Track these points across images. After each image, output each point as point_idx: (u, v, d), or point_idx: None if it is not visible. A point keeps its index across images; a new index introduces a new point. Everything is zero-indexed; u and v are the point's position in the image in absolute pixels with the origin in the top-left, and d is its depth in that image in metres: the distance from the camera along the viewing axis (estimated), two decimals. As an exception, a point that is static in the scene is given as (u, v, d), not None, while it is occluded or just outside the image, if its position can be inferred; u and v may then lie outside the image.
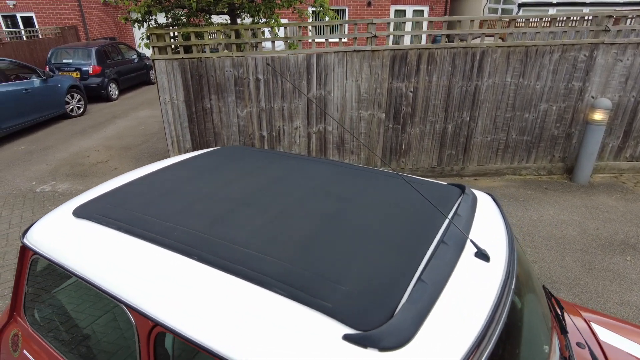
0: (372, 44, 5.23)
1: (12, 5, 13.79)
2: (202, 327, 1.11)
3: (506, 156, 5.70)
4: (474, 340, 1.03)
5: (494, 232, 1.54)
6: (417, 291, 1.12)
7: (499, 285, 1.25)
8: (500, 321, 1.14)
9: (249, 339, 1.05)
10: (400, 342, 0.97)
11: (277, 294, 1.14)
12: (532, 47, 5.10)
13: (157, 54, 5.32)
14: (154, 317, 1.20)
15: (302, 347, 0.99)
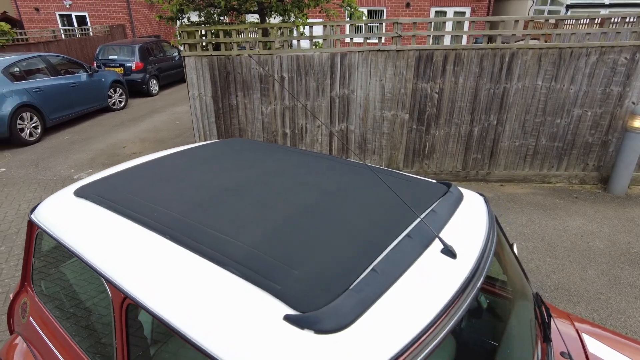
0: (397, 43, 5.18)
1: (68, 5, 14.72)
2: (159, 298, 1.18)
3: (535, 162, 5.47)
4: (415, 336, 1.02)
5: (471, 231, 1.50)
6: (366, 280, 1.13)
7: (460, 283, 1.22)
8: (453, 319, 1.12)
9: (198, 312, 1.10)
10: (336, 327, 0.99)
11: (233, 273, 1.20)
12: (567, 49, 4.86)
13: (188, 50, 5.52)
14: (125, 290, 1.28)
15: (245, 323, 1.04)
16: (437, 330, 1.07)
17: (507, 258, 1.88)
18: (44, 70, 8.25)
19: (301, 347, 0.95)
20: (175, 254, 1.31)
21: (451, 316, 1.13)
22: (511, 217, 4.71)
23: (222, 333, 1.03)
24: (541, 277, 3.68)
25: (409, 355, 0.99)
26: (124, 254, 1.38)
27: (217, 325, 1.05)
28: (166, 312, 1.15)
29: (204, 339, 1.04)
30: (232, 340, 1.01)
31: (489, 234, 1.52)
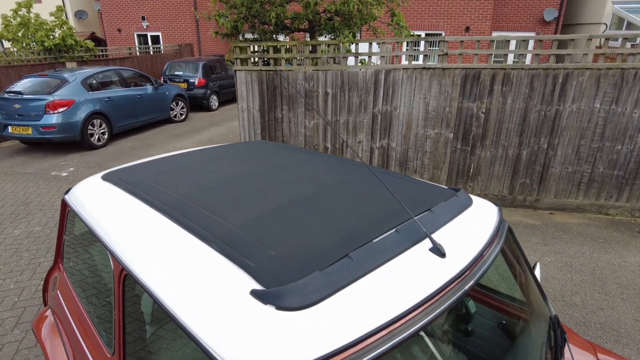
0: (444, 61, 5.11)
1: (145, 26, 16.19)
2: (145, 268, 1.27)
3: (590, 191, 5.06)
4: (378, 326, 1.00)
5: (471, 236, 1.44)
6: (339, 265, 1.13)
7: (443, 282, 1.17)
8: (427, 317, 1.08)
9: (175, 281, 1.17)
10: (298, 305, 1.00)
11: (213, 249, 1.26)
12: (630, 69, 4.52)
13: (239, 65, 5.83)
14: (121, 260, 1.38)
15: (215, 295, 1.08)
16: (406, 325, 1.04)
17: (522, 275, 1.76)
18: (116, 82, 9.07)
19: (262, 321, 0.97)
20: (168, 230, 1.41)
21: (425, 313, 1.09)
22: (558, 246, 4.37)
23: (192, 302, 1.08)
24: (586, 312, 3.36)
25: (370, 345, 0.96)
26: (125, 227, 1.49)
27: (189, 295, 1.10)
28: (148, 280, 1.22)
29: (175, 306, 1.09)
30: (199, 310, 1.05)
31: (491, 242, 1.44)
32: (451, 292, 1.19)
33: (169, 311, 1.09)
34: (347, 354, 0.94)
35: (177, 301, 1.10)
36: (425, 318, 1.08)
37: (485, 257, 1.37)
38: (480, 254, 1.36)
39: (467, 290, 1.25)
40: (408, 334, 1.03)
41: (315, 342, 0.93)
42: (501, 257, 1.74)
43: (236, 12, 5.74)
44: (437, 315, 1.11)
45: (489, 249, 1.41)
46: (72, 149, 8.39)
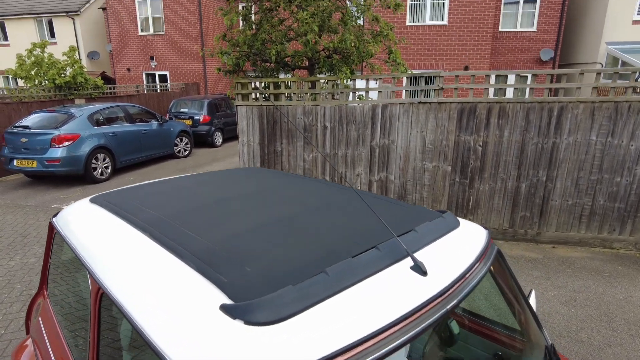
0: (440, 96, 5.21)
1: (154, 65, 16.78)
2: (118, 284, 1.24)
3: (592, 224, 4.98)
4: (352, 343, 0.96)
5: (456, 256, 1.40)
6: (314, 280, 1.10)
7: (423, 300, 1.14)
8: (406, 335, 1.03)
9: (146, 296, 1.15)
10: (268, 320, 0.97)
11: (187, 264, 1.24)
12: (623, 102, 4.58)
13: (240, 100, 5.98)
14: (97, 277, 1.36)
15: (184, 310, 1.05)
16: (383, 342, 1.00)
17: (515, 302, 1.70)
18: (121, 117, 9.29)
19: (229, 337, 0.94)
20: (145, 247, 1.39)
21: (403, 331, 1.05)
22: (561, 280, 4.25)
23: (160, 318, 1.05)
24: (592, 349, 3.22)
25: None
26: (103, 245, 1.49)
27: (158, 310, 1.08)
28: (120, 295, 1.20)
29: (143, 322, 1.06)
30: (167, 325, 1.02)
31: (477, 262, 1.40)
32: (432, 311, 1.15)
33: (137, 326, 1.06)
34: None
35: (145, 317, 1.07)
36: (403, 336, 1.04)
37: (469, 278, 1.33)
38: (464, 274, 1.32)
39: (450, 310, 1.21)
40: (386, 351, 0.98)
41: (283, 358, 0.89)
42: (492, 282, 1.69)
43: (238, 50, 5.95)
44: (416, 334, 1.07)
45: (474, 269, 1.38)
46: (74, 182, 8.47)
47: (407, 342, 1.06)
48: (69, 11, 18.65)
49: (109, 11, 16.86)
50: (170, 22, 16.20)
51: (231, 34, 6.11)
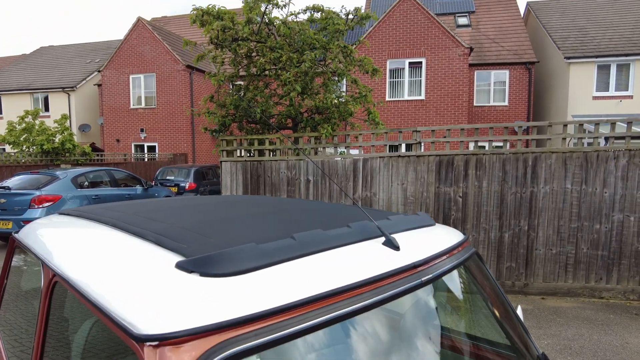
0: (418, 149, 5.40)
1: (144, 137, 17.18)
2: (74, 267, 1.17)
3: (578, 273, 4.92)
4: (313, 295, 0.92)
5: (431, 242, 1.38)
6: (279, 242, 1.07)
7: (393, 268, 1.10)
8: (368, 300, 1.00)
9: (101, 272, 1.08)
10: (223, 272, 0.92)
11: (148, 241, 1.19)
12: (592, 152, 4.80)
13: (225, 156, 6.08)
14: (52, 265, 1.27)
15: (143, 276, 0.99)
16: (346, 302, 0.96)
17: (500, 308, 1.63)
18: (106, 182, 9.27)
19: (185, 290, 0.89)
20: (106, 233, 1.34)
21: (373, 294, 1.01)
22: (554, 329, 4.08)
23: (118, 287, 0.97)
24: (592, 396, 3.00)
25: (304, 315, 0.89)
26: (61, 236, 1.44)
27: (115, 281, 1.00)
28: (76, 275, 1.11)
29: (100, 295, 0.97)
30: (125, 291, 0.94)
31: (452, 251, 1.38)
32: (404, 281, 1.11)
33: (93, 301, 0.97)
34: (278, 319, 0.85)
35: (102, 290, 1.00)
36: (372, 298, 1.00)
37: (442, 262, 1.30)
38: (437, 255, 1.29)
39: (423, 284, 1.16)
40: (347, 311, 0.94)
41: (236, 306, 0.84)
42: (471, 283, 1.63)
43: (225, 110, 6.20)
44: (386, 299, 1.03)
45: (447, 255, 1.35)
46: (50, 246, 8.16)
47: (377, 305, 1.02)
48: (66, 87, 19.46)
49: (103, 87, 17.64)
50: (162, 96, 16.95)
51: (218, 95, 6.42)
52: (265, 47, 5.94)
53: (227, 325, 0.80)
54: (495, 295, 1.66)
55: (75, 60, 22.13)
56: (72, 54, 23.02)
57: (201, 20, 5.93)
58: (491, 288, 1.65)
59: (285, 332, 0.85)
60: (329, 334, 0.99)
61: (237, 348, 0.78)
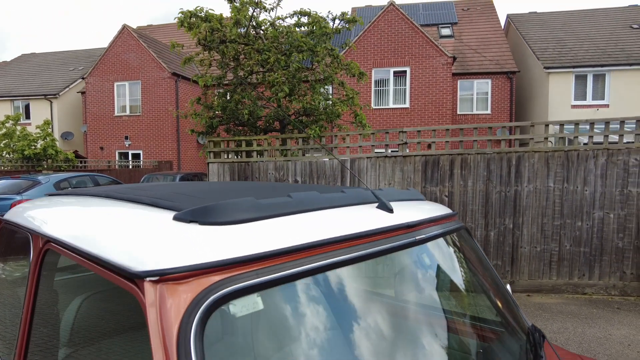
0: (404, 150, 5.47)
1: (128, 144, 16.97)
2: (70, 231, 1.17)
3: (562, 270, 5.02)
4: (306, 243, 0.95)
5: (422, 210, 1.41)
6: (276, 199, 1.09)
7: (387, 225, 1.13)
8: (358, 251, 1.02)
9: (99, 232, 1.08)
10: (221, 221, 0.94)
11: (143, 204, 1.20)
12: (572, 151, 4.94)
13: (212, 158, 6.05)
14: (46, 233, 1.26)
15: (142, 230, 1.00)
16: (345, 250, 1.00)
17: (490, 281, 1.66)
18: (89, 187, 9.11)
19: (185, 236, 0.91)
20: (98, 202, 1.34)
21: (366, 247, 1.05)
22: (540, 323, 4.13)
23: (119, 242, 0.97)
24: (579, 384, 3.04)
25: (298, 260, 0.91)
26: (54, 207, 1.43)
27: (115, 237, 1.00)
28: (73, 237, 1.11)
29: (102, 250, 0.97)
30: (126, 245, 0.94)
31: (441, 220, 1.42)
32: (397, 238, 1.14)
33: (94, 256, 0.97)
34: (275, 262, 0.88)
35: (94, 239, 1.01)
36: (363, 251, 1.03)
37: (435, 226, 1.34)
38: (430, 220, 1.33)
39: (416, 243, 1.19)
40: (343, 260, 0.98)
41: (235, 249, 0.86)
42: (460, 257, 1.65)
43: (212, 111, 6.19)
44: (377, 253, 1.06)
45: (439, 223, 1.39)
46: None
47: (372, 256, 1.05)
48: (48, 94, 19.15)
49: (87, 94, 17.42)
50: (148, 104, 16.81)
51: (205, 98, 6.41)
52: (252, 50, 5.98)
53: (226, 264, 0.81)
54: (485, 268, 1.69)
55: (57, 68, 21.83)
56: (55, 61, 22.72)
57: (188, 23, 5.95)
58: (481, 262, 1.69)
59: (281, 274, 0.86)
60: (324, 284, 1.00)
61: (234, 286, 0.80)
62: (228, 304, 0.79)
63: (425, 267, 1.35)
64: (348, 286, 1.07)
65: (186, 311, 0.75)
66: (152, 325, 0.75)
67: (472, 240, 1.71)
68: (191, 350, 0.72)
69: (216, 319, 0.78)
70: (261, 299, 0.85)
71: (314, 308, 0.96)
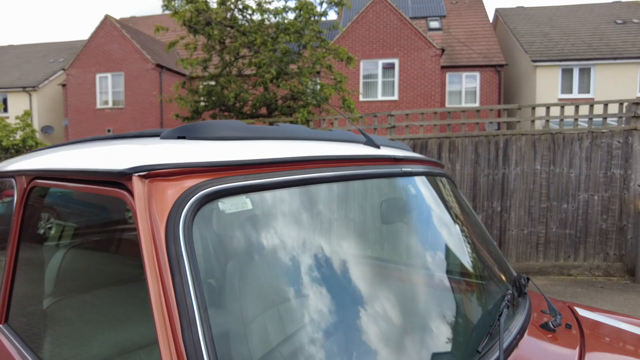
0: (392, 134, 5.43)
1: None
2: (57, 161, 1.23)
3: (549, 252, 5.05)
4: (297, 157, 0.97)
5: (406, 152, 1.41)
6: (264, 127, 1.12)
7: (373, 154, 1.13)
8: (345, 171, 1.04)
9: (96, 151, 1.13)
10: (208, 136, 0.96)
11: (127, 137, 1.23)
12: (558, 134, 4.96)
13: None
14: (31, 169, 1.29)
15: (130, 146, 1.06)
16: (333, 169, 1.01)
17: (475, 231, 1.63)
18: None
19: (172, 145, 0.95)
20: (82, 143, 1.36)
21: (349, 169, 1.06)
22: (527, 303, 4.15)
23: (106, 156, 1.03)
24: None
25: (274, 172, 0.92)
26: (38, 152, 1.47)
27: (101, 155, 1.07)
28: (58, 165, 1.15)
29: (88, 165, 1.02)
30: (115, 154, 1.00)
31: (425, 162, 1.43)
32: (384, 167, 1.17)
33: (73, 169, 1.02)
34: (259, 170, 0.88)
35: (83, 161, 1.07)
36: (345, 171, 1.04)
37: (421, 165, 1.36)
38: (416, 159, 1.36)
39: (403, 173, 1.19)
40: (327, 175, 0.99)
41: (222, 155, 0.87)
42: (449, 205, 1.62)
43: (197, 95, 6.07)
44: (365, 175, 1.09)
45: (424, 163, 1.40)
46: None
47: (360, 177, 1.08)
48: (27, 87, 18.67)
49: (68, 86, 17.03)
50: (131, 96, 16.51)
51: (190, 83, 6.27)
52: (239, 33, 5.87)
53: (214, 166, 0.82)
54: (470, 216, 1.67)
55: (37, 60, 21.29)
56: (34, 53, 22.15)
57: (174, 6, 5.81)
58: (466, 210, 1.67)
59: (271, 181, 0.87)
60: (314, 197, 1.00)
61: (223, 185, 0.80)
62: (217, 201, 0.80)
63: (412, 200, 1.33)
64: (335, 203, 1.05)
65: (175, 202, 0.74)
66: (141, 220, 0.73)
67: (457, 190, 1.69)
68: (180, 236, 0.71)
69: (206, 212, 0.78)
70: (250, 201, 0.86)
71: (302, 217, 0.96)
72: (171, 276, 0.70)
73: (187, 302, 0.68)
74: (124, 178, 0.79)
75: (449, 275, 1.30)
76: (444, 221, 1.41)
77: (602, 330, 1.42)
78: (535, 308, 1.50)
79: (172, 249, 0.71)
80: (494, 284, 1.50)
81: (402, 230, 1.32)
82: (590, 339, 1.27)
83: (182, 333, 0.66)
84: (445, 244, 1.40)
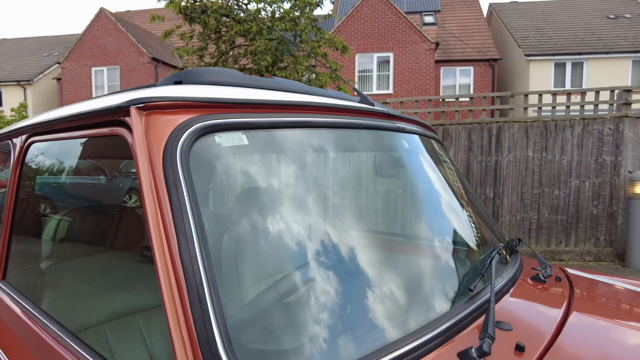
0: (388, 122, 5.49)
1: (107, 131, 16.62)
2: (55, 114, 1.23)
3: (541, 238, 5.13)
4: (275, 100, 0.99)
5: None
6: (262, 78, 1.14)
7: (363, 107, 1.20)
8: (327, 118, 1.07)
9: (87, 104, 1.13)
10: (206, 81, 0.99)
11: (126, 91, 1.25)
12: (550, 121, 5.04)
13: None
14: (28, 124, 1.31)
15: (128, 92, 1.05)
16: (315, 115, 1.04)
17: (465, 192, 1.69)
18: (66, 168, 8.90)
19: (170, 86, 0.95)
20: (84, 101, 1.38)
21: (344, 117, 1.10)
22: (519, 285, 4.23)
23: (103, 99, 1.05)
24: (556, 334, 3.12)
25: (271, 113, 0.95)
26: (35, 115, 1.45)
27: (100, 99, 1.08)
28: (57, 115, 1.18)
29: (88, 107, 1.04)
30: (112, 97, 1.01)
31: (415, 122, 1.47)
32: (378, 121, 1.20)
33: (70, 115, 1.06)
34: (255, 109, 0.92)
35: (81, 106, 1.09)
36: (339, 119, 1.08)
37: (413, 124, 1.41)
38: (409, 119, 1.39)
39: (397, 129, 1.23)
40: (321, 121, 1.04)
41: (219, 94, 0.89)
42: (441, 167, 1.68)
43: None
44: (360, 125, 1.12)
45: (416, 124, 1.44)
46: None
47: (350, 127, 1.11)
48: (21, 81, 18.54)
49: (63, 80, 16.93)
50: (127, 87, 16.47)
51: (187, 72, 6.29)
52: (234, 22, 5.89)
53: (211, 102, 0.84)
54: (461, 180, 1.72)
55: (31, 54, 21.13)
56: (28, 47, 21.98)
57: (168, -6, 5.81)
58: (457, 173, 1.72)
59: (265, 120, 0.89)
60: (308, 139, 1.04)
61: (219, 120, 0.83)
62: (214, 134, 0.82)
63: (405, 155, 1.37)
64: (328, 147, 1.09)
65: (172, 132, 0.76)
66: (139, 149, 0.75)
67: (449, 156, 1.75)
68: (177, 162, 0.73)
69: (202, 143, 0.81)
70: (246, 137, 0.88)
71: (296, 159, 1.00)
72: (169, 199, 0.73)
73: (184, 222, 0.72)
74: (122, 112, 0.81)
75: (444, 227, 1.35)
76: (437, 178, 1.46)
77: (589, 283, 1.48)
78: (527, 266, 1.56)
79: (169, 173, 0.74)
80: (487, 240, 1.55)
81: (396, 182, 1.37)
82: (579, 288, 1.33)
83: (179, 249, 0.70)
84: (439, 199, 1.44)
